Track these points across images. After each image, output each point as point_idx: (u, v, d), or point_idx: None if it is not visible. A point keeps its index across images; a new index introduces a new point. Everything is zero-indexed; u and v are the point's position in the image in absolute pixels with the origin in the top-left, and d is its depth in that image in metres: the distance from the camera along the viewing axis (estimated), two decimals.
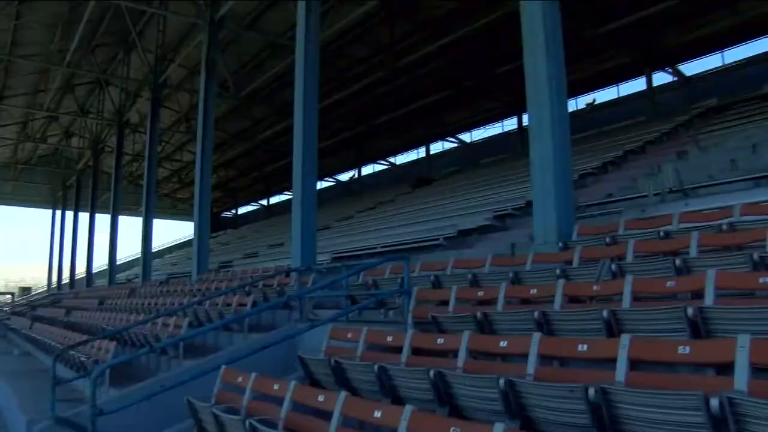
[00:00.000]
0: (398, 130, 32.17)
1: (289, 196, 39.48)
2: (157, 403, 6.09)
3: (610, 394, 3.38)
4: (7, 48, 24.71)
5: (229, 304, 10.44)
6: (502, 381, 3.86)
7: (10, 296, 56.16)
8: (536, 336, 4.53)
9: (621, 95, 25.24)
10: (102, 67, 28.92)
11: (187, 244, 47.71)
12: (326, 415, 4.61)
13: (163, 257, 46.99)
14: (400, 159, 37.44)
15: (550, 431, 3.78)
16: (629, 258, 6.48)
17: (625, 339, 3.94)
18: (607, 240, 7.41)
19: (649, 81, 23.44)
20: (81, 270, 40.17)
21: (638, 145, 17.41)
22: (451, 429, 3.66)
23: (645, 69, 23.26)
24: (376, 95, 27.55)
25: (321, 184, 38.38)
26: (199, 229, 19.31)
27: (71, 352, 10.74)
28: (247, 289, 11.14)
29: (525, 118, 26.37)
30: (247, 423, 4.55)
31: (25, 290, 61.61)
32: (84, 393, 10.49)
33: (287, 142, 17.14)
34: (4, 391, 13.60)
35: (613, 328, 4.56)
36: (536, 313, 5.09)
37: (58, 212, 46.70)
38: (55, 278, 47.80)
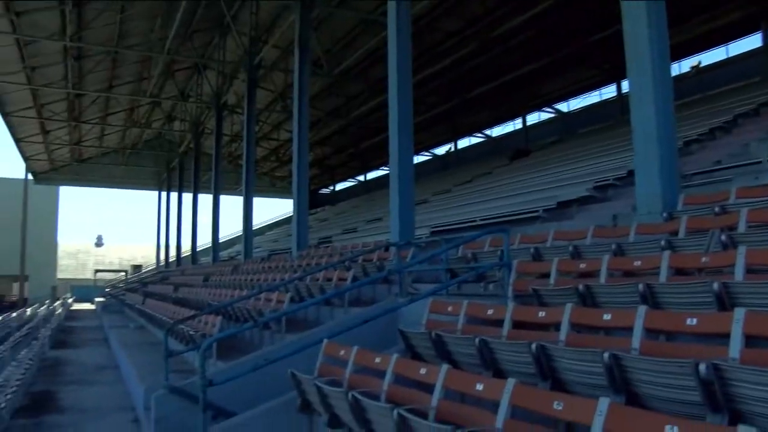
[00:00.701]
0: (493, 102, 31.63)
1: (386, 172, 39.68)
2: (262, 376, 6.26)
3: (724, 371, 3.18)
4: (114, 41, 25.93)
5: (329, 279, 10.60)
6: (606, 355, 3.72)
7: (123, 274, 59.44)
8: (642, 309, 4.35)
9: (730, 55, 23.72)
10: (199, 51, 29.85)
11: (287, 221, 48.90)
12: (428, 388, 4.61)
13: (263, 234, 48.38)
14: (496, 131, 36.77)
15: (657, 407, 3.62)
16: (741, 228, 6.08)
17: (739, 312, 3.71)
18: (717, 209, 6.97)
19: (767, 36, 21.77)
20: (186, 248, 41.95)
21: (751, 107, 16.30)
22: (554, 403, 3.58)
23: (761, 23, 21.57)
24: (470, 68, 27.15)
25: (417, 159, 38.31)
26: (298, 206, 19.71)
27: (180, 326, 11.22)
28: (347, 264, 11.27)
29: (624, 85, 25.32)
30: (349, 395, 4.60)
31: (137, 268, 65.04)
32: (193, 365, 10.98)
33: (382, 117, 17.17)
34: (125, 361, 14.46)
35: (724, 302, 4.30)
36: (641, 286, 4.86)
37: (164, 193, 48.81)
38: (162, 256, 50.14)
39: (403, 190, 12.48)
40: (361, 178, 50.14)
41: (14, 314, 36.21)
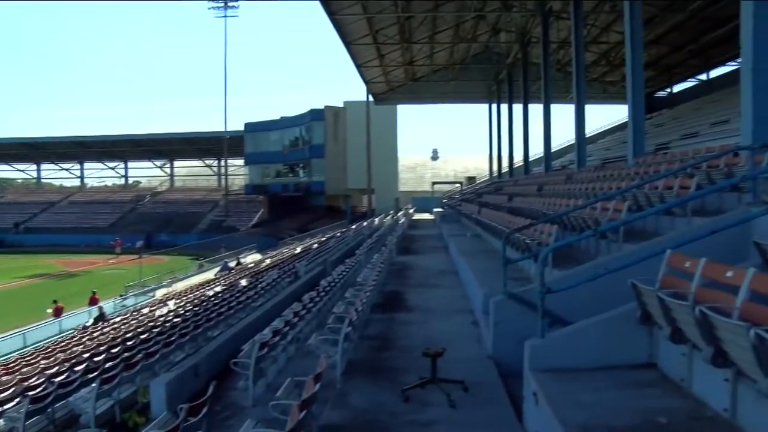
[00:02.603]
0: None
1: (734, 67, 35.51)
2: (599, 285, 6.17)
3: None
4: None
5: (669, 188, 9.93)
6: None
7: (459, 185, 62.58)
8: None
9: None
10: None
11: (620, 128, 46.74)
12: None
13: (595, 143, 46.97)
14: None
15: None
16: None
17: None
18: None
19: None
20: (518, 159, 42.57)
21: None
22: None
23: None
24: None
25: None
26: (633, 112, 18.59)
27: (516, 235, 11.51)
28: (689, 171, 10.44)
29: None
30: (696, 309, 4.32)
31: (471, 179, 67.91)
32: (528, 272, 11.25)
33: (729, 4, 15.19)
34: (463, 267, 15.37)
35: None
36: None
37: (494, 105, 49.73)
38: (495, 167, 51.57)
39: (758, 84, 10.94)
40: (702, 77, 45.43)
41: (365, 223, 40.63)
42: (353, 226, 41.27)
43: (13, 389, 11.81)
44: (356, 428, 6.49)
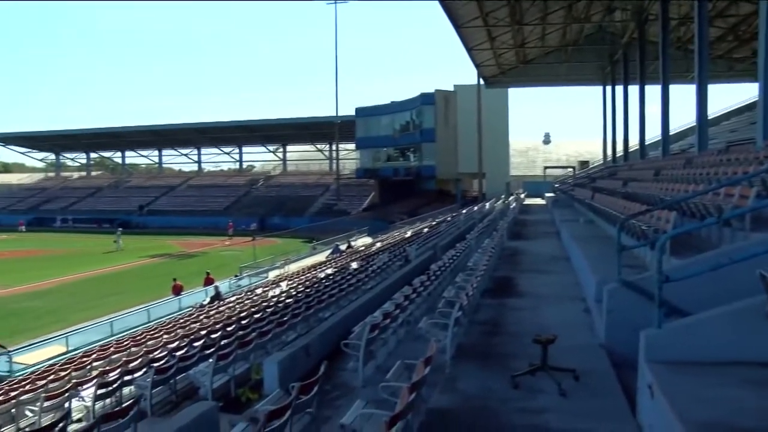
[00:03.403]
0: None
1: None
2: (722, 276, 5.87)
3: None
4: None
5: None
6: None
7: (571, 170, 61.07)
8: None
9: None
10: None
11: (748, 107, 44.03)
12: None
13: (718, 125, 44.54)
14: None
15: None
16: None
17: None
18: None
19: None
20: (634, 142, 40.98)
21: None
22: None
23: None
24: None
25: None
26: (764, 90, 17.35)
27: (632, 221, 11.13)
28: None
29: None
30: None
31: (583, 164, 66.13)
32: (644, 260, 10.86)
33: None
34: (576, 253, 15.05)
35: None
36: None
37: (608, 87, 48.04)
38: (609, 151, 49.91)
39: None
40: None
41: (475, 208, 40.39)
42: (464, 211, 41.09)
43: (140, 360, 12.65)
44: (465, 413, 6.52)
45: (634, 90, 37.63)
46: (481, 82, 52.15)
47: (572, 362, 7.32)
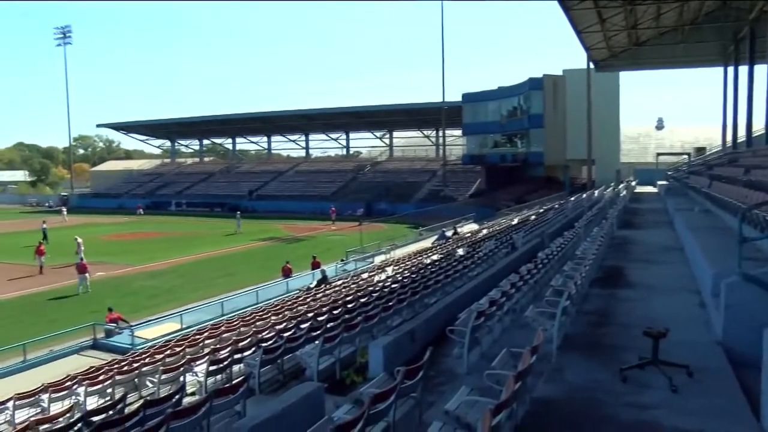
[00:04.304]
0: None
1: None
2: None
3: None
4: None
5: None
6: None
7: (686, 156, 58.35)
8: None
9: None
10: None
11: None
12: None
13: None
14: None
15: None
16: None
17: None
18: None
19: None
20: (758, 127, 38.57)
21: None
22: None
23: None
24: None
25: None
26: None
27: (755, 211, 10.56)
28: None
29: None
30: None
31: (700, 150, 62.98)
32: (767, 253, 10.29)
33: None
34: (690, 244, 14.44)
35: None
36: None
37: (730, 68, 45.38)
38: (729, 137, 47.24)
39: None
40: None
41: (584, 195, 39.36)
42: (572, 198, 40.12)
43: (249, 339, 13.18)
44: (570, 404, 6.44)
45: (760, 70, 35.35)
46: (591, 66, 50.48)
47: (685, 358, 7.07)
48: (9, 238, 53.51)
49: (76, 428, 7.82)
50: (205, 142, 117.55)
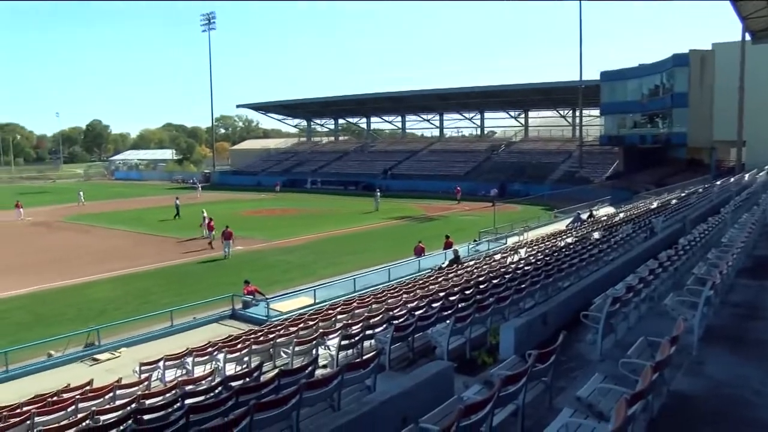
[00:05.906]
0: None
1: None
2: None
3: None
4: None
5: None
6: None
7: None
8: None
9: None
10: None
11: None
12: None
13: None
14: None
15: None
16: None
17: None
18: None
19: None
20: None
21: None
22: None
23: None
24: None
25: None
26: None
27: None
28: None
29: None
30: None
31: None
32: None
33: None
34: None
35: None
36: None
37: None
38: None
39: None
40: None
41: (732, 179, 36.91)
42: (718, 182, 37.75)
43: (381, 316, 13.47)
44: (712, 400, 6.13)
45: None
46: (747, 37, 46.80)
47: None
48: (152, 212, 57.55)
49: (217, 390, 8.37)
50: (340, 121, 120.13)
